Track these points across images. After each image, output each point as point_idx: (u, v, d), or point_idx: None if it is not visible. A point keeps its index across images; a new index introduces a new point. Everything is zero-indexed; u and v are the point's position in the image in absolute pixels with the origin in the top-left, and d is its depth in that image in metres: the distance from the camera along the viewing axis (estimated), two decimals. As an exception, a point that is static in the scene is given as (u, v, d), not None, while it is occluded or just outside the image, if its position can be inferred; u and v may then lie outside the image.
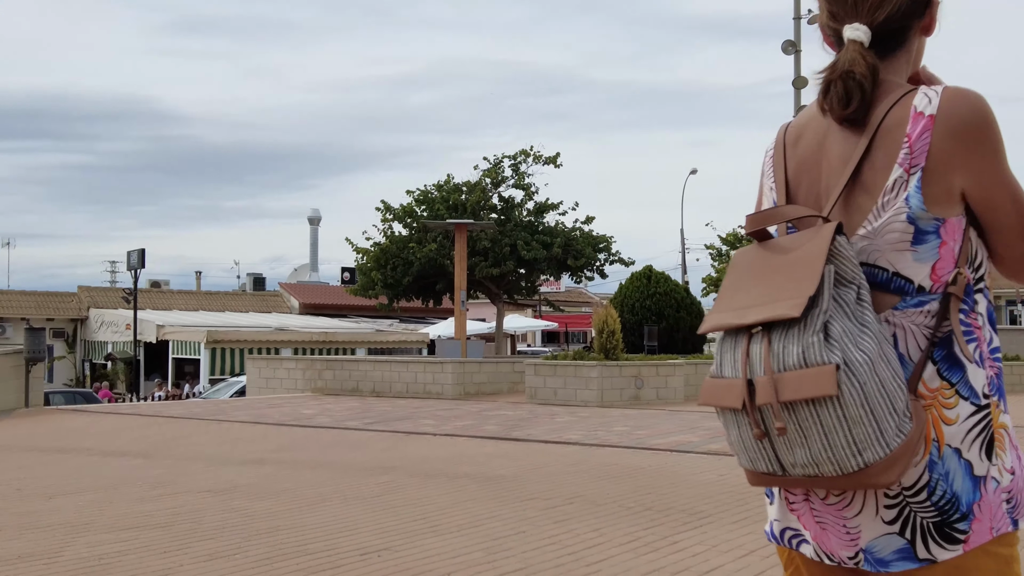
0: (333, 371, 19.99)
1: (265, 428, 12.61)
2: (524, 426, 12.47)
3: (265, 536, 5.54)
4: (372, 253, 24.21)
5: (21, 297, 37.95)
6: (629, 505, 6.68)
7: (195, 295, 43.70)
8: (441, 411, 14.93)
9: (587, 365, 16.43)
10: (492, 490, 7.31)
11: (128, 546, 5.25)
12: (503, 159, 24.12)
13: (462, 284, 20.37)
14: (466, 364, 18.80)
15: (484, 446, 10.51)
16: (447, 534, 5.63)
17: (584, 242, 23.73)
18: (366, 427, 12.60)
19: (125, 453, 10.17)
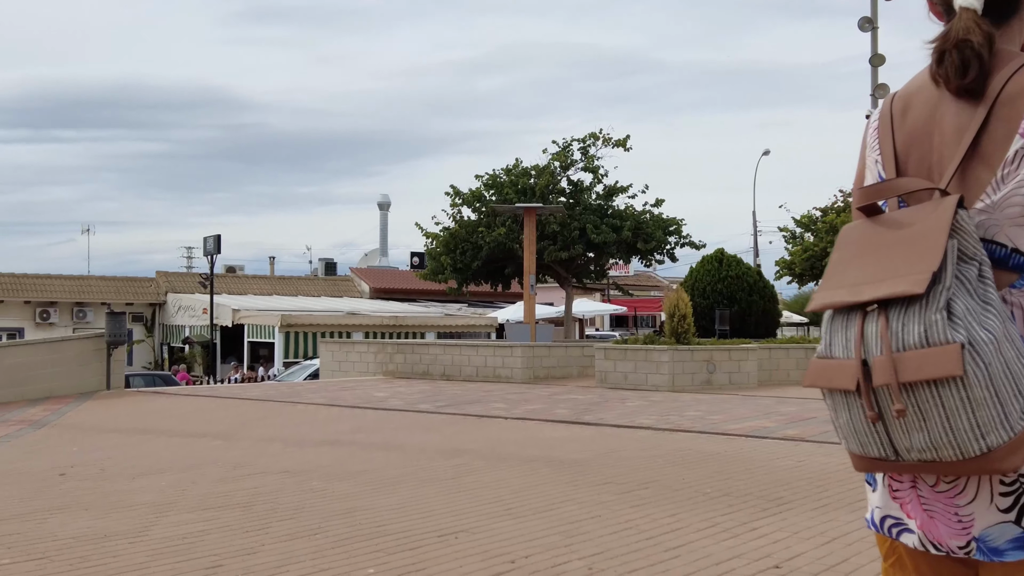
0: (404, 355, 20.16)
1: (339, 410, 12.76)
2: (595, 410, 12.42)
3: (342, 517, 5.59)
4: (441, 238, 24.30)
5: (101, 282, 38.99)
6: (706, 491, 6.59)
7: (269, 280, 44.44)
8: (511, 395, 14.96)
9: (658, 349, 16.29)
10: (566, 474, 7.28)
11: (210, 526, 5.34)
12: (572, 142, 23.98)
13: (531, 268, 20.34)
14: (535, 348, 18.80)
15: (555, 430, 10.49)
16: (523, 517, 5.61)
17: (654, 225, 23.49)
18: (437, 410, 12.68)
19: (204, 434, 10.38)
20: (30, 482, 7.01)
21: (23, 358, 15.06)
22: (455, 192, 24.36)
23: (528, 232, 20.29)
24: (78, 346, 15.89)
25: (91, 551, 4.73)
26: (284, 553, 4.70)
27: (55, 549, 4.77)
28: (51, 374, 15.31)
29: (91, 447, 9.27)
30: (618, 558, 4.69)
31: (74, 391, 15.47)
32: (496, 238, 22.71)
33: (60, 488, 6.69)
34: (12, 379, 14.81)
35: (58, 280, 38.02)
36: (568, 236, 22.85)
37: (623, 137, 23.66)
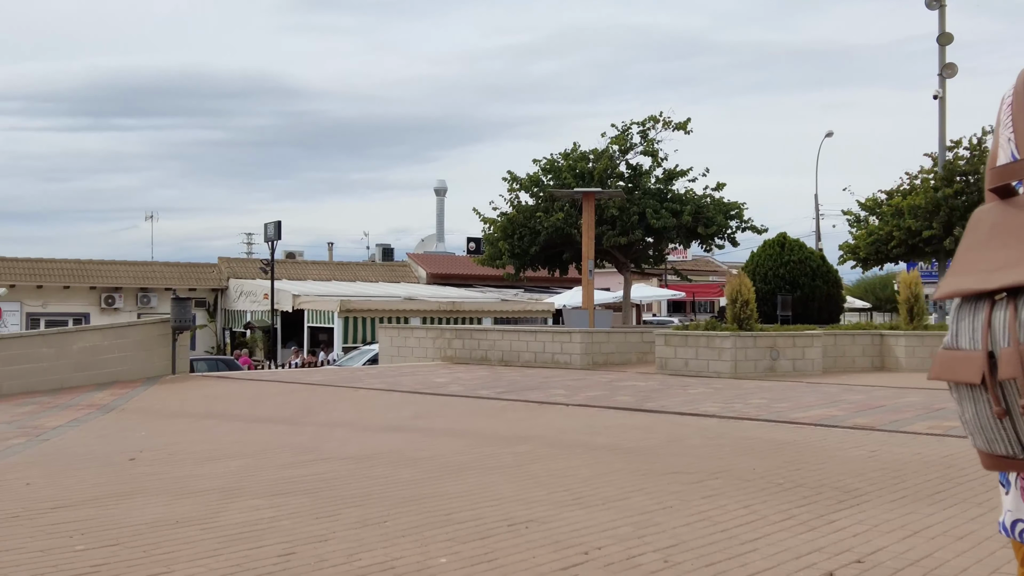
0: (462, 340, 20.16)
1: (400, 396, 12.78)
2: (657, 397, 12.28)
3: (411, 504, 5.55)
4: (499, 223, 24.24)
5: (165, 268, 39.68)
6: (778, 481, 6.44)
7: (328, 265, 44.84)
8: (571, 381, 14.86)
9: (720, 335, 16.06)
10: (633, 462, 7.17)
11: (280, 512, 5.34)
12: (631, 126, 23.74)
13: (590, 253, 20.19)
14: (594, 334, 18.66)
15: (618, 417, 10.37)
16: (593, 507, 5.52)
17: (715, 209, 23.17)
18: (498, 396, 12.64)
19: (269, 419, 10.46)
20: (100, 466, 7.10)
21: (91, 342, 15.33)
22: (512, 177, 24.27)
23: (587, 217, 20.13)
24: (144, 331, 16.14)
25: (163, 537, 4.75)
26: (355, 541, 4.67)
27: (127, 535, 4.79)
28: (118, 359, 15.58)
29: (159, 432, 9.39)
30: (694, 550, 4.57)
31: (140, 376, 15.72)
32: (554, 223, 22.59)
33: (130, 473, 6.76)
34: (80, 363, 15.09)
35: (123, 266, 38.76)
36: (627, 221, 22.65)
37: (683, 120, 23.35)
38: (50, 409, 11.88)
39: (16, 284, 34.68)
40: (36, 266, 36.53)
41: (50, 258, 37.48)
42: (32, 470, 6.94)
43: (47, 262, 37.09)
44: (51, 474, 6.72)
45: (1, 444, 8.49)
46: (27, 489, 6.08)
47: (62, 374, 14.87)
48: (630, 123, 23.76)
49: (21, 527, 4.96)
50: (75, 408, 11.95)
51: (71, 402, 12.68)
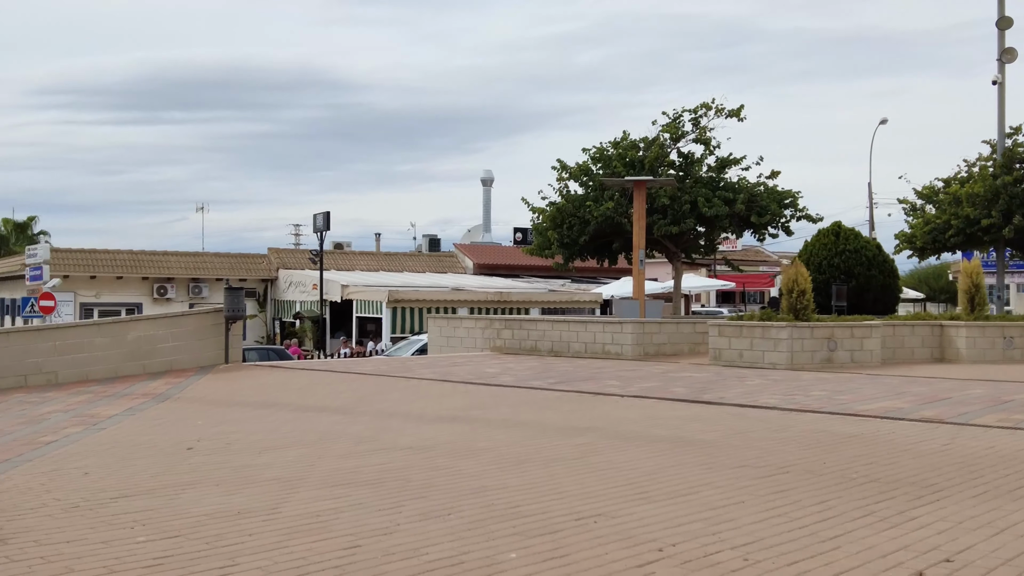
0: (511, 330, 20.03)
1: (452, 386, 12.68)
2: (714, 389, 12.04)
3: (474, 497, 5.42)
4: (548, 212, 24.02)
5: (215, 259, 40.04)
6: (851, 476, 6.21)
7: (375, 256, 44.97)
8: (624, 372, 14.66)
9: (776, 326, 15.75)
10: (696, 455, 6.98)
11: (342, 503, 5.23)
12: (682, 113, 23.38)
13: (640, 243, 19.92)
14: (646, 324, 18.42)
15: (675, 409, 10.17)
16: (661, 501, 5.35)
17: (769, 198, 22.74)
18: (550, 387, 12.48)
19: (323, 408, 10.40)
20: (159, 456, 7.06)
21: (145, 332, 15.42)
22: (562, 166, 24.03)
23: (637, 206, 19.86)
24: (197, 320, 16.21)
25: (225, 529, 4.66)
26: (420, 534, 4.54)
27: (189, 526, 4.71)
28: (171, 348, 15.66)
29: (215, 421, 9.37)
30: (773, 548, 4.38)
31: (193, 364, 15.79)
32: (604, 212, 22.33)
33: (189, 462, 6.71)
34: (134, 352, 15.19)
35: (174, 256, 39.18)
36: (678, 210, 22.31)
37: (737, 107, 22.94)
38: (105, 398, 11.95)
39: (70, 275, 35.19)
40: (90, 257, 37.05)
41: (103, 249, 37.99)
42: (90, 459, 6.92)
43: (100, 253, 37.60)
44: (109, 463, 6.69)
45: (58, 433, 8.51)
46: (86, 479, 6.04)
47: (116, 363, 14.97)
48: (682, 110, 23.42)
49: (82, 518, 4.91)
50: (130, 397, 12.00)
51: (126, 391, 12.75)
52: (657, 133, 23.41)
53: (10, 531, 4.59)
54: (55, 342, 14.47)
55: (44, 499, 5.34)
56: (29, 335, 14.47)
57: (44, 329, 15.07)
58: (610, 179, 21.35)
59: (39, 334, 14.56)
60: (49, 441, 7.94)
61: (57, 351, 14.45)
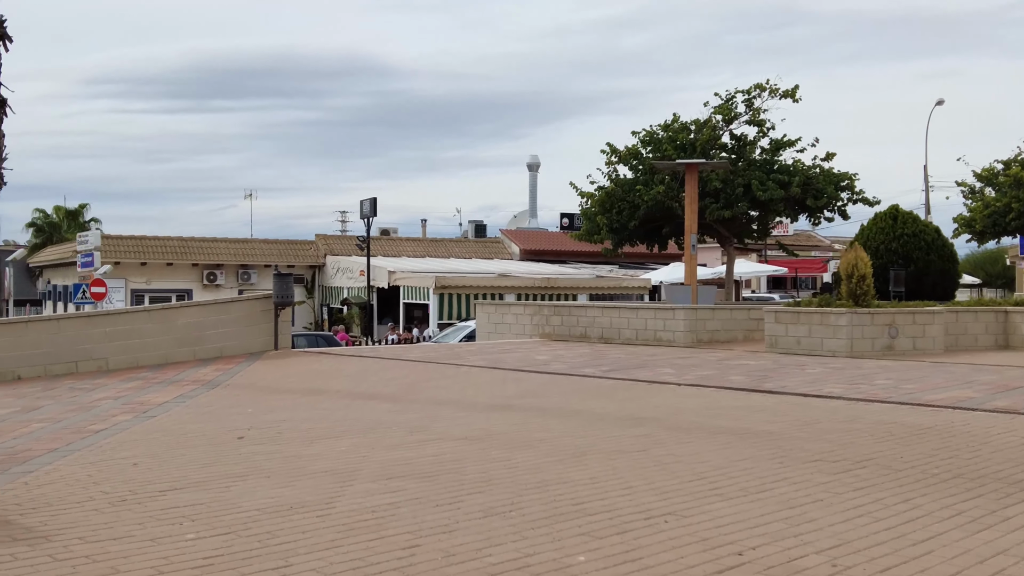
0: (561, 317, 19.74)
1: (503, 374, 12.44)
2: (773, 377, 11.67)
3: (535, 492, 5.16)
4: (597, 197, 23.63)
5: (264, 245, 40.21)
6: (932, 471, 5.85)
7: (422, 242, 44.89)
8: (677, 359, 14.32)
9: (835, 312, 15.28)
10: (765, 448, 6.65)
11: (398, 498, 5.00)
12: (735, 94, 22.82)
13: (692, 227, 19.49)
14: (698, 311, 18.03)
15: (735, 398, 9.83)
16: (735, 498, 5.05)
17: (825, 180, 22.14)
18: (603, 375, 12.19)
19: (373, 396, 10.22)
20: (209, 446, 6.90)
21: (195, 318, 15.37)
22: (611, 150, 23.61)
23: (689, 189, 19.42)
24: (247, 307, 16.13)
25: (278, 525, 4.44)
26: (482, 533, 4.29)
27: (240, 522, 4.51)
28: (221, 334, 15.60)
29: (265, 408, 9.21)
30: (861, 552, 4.07)
31: (243, 351, 15.72)
32: (654, 196, 21.90)
33: (239, 452, 6.53)
34: (184, 339, 15.14)
35: (223, 243, 39.40)
36: (731, 193, 21.82)
37: (791, 88, 22.34)
38: (156, 384, 11.88)
39: (121, 261, 35.53)
40: (140, 243, 37.37)
41: (153, 235, 38.32)
42: (139, 448, 6.77)
43: (151, 239, 37.92)
44: (158, 453, 6.53)
45: (108, 421, 8.40)
46: (134, 470, 5.88)
47: (166, 349, 14.94)
48: (734, 92, 22.86)
49: (130, 512, 4.72)
50: (180, 384, 11.92)
51: (176, 377, 12.68)
52: (709, 115, 22.90)
53: (55, 527, 4.42)
54: (106, 328, 14.47)
55: (92, 492, 5.18)
56: (80, 321, 14.48)
57: (95, 316, 15.09)
58: (661, 162, 20.91)
59: (90, 320, 14.56)
60: (99, 429, 7.83)
61: (108, 337, 14.45)
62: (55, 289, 40.32)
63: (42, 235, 53.14)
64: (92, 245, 28.27)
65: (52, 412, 9.27)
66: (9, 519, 4.56)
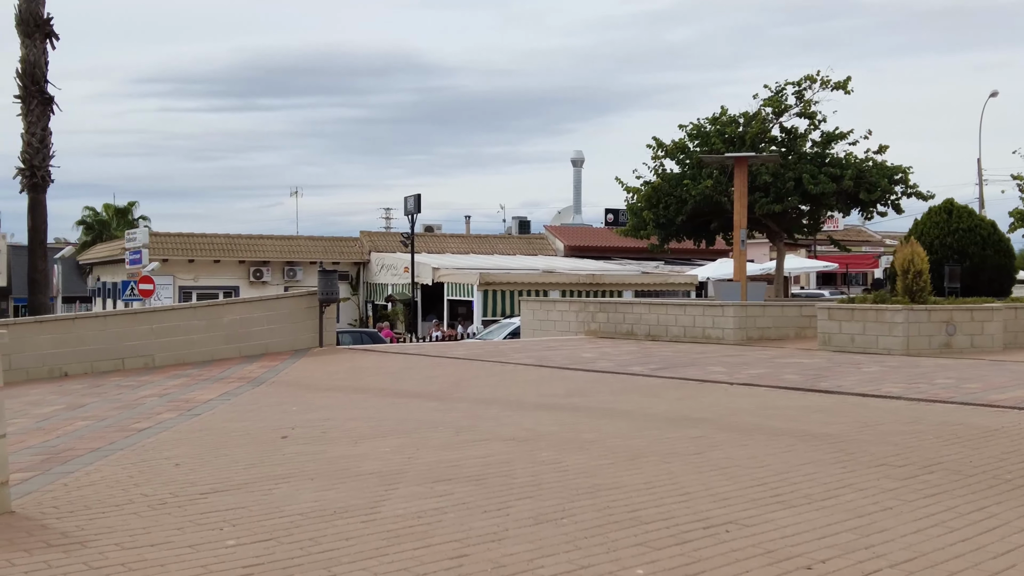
0: (607, 314, 19.48)
1: (549, 372, 12.23)
2: (828, 376, 11.33)
3: (587, 497, 4.94)
4: (643, 192, 23.30)
5: (309, 242, 40.33)
6: (1006, 477, 5.54)
7: (466, 239, 44.79)
8: (728, 357, 14.01)
9: (891, 309, 14.86)
10: (827, 451, 6.37)
11: (445, 502, 4.81)
12: (785, 86, 22.36)
13: (742, 222, 19.11)
14: (748, 308, 17.67)
15: (791, 398, 9.52)
16: (798, 506, 4.79)
17: (878, 173, 21.60)
18: (652, 373, 11.93)
19: (418, 395, 10.06)
20: (252, 445, 6.77)
21: (240, 315, 15.35)
22: (658, 144, 23.26)
23: (739, 183, 19.04)
24: (292, 303, 16.09)
25: (321, 531, 4.27)
26: (533, 542, 4.08)
27: (282, 528, 4.34)
28: (267, 331, 15.57)
29: (310, 407, 9.09)
30: (939, 567, 3.79)
31: (288, 348, 15.68)
32: (702, 191, 21.53)
33: (282, 453, 6.39)
34: (230, 335, 15.13)
35: (270, 240, 39.60)
36: (781, 187, 21.38)
37: (843, 79, 21.84)
38: (201, 382, 11.84)
39: (169, 258, 35.83)
40: (188, 241, 37.68)
41: (201, 233, 38.61)
42: (182, 448, 6.66)
43: (198, 237, 38.21)
44: (201, 453, 6.41)
45: (152, 419, 8.32)
46: (176, 471, 5.76)
47: (213, 346, 14.94)
48: (784, 83, 22.41)
49: (170, 516, 4.58)
50: (226, 381, 11.87)
51: (221, 374, 12.64)
52: (758, 107, 22.47)
53: (92, 531, 4.29)
54: (152, 325, 14.49)
55: (132, 494, 5.05)
56: (126, 319, 14.52)
57: (141, 313, 15.13)
58: (709, 156, 20.54)
59: (135, 317, 14.60)
60: (142, 428, 7.75)
61: (154, 334, 14.47)
62: (104, 286, 40.82)
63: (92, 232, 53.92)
64: (140, 242, 28.47)
65: (97, 410, 9.23)
66: (46, 523, 4.45)
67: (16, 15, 19.91)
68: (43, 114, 19.31)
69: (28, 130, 19.37)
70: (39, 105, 19.33)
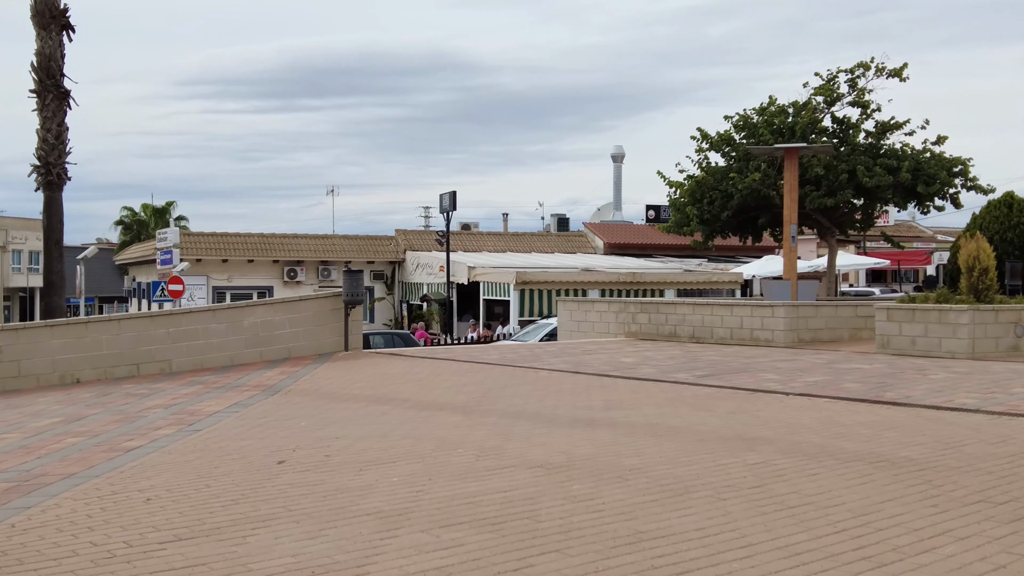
0: (648, 314, 18.50)
1: (587, 380, 11.32)
2: (893, 384, 10.32)
3: (627, 551, 4.04)
4: (686, 187, 22.24)
5: (344, 241, 39.70)
6: None
7: (503, 236, 43.92)
8: (780, 362, 13.00)
9: (956, 309, 13.75)
10: (908, 481, 5.40)
11: (451, 558, 3.93)
12: (837, 74, 21.19)
13: (792, 217, 18.03)
14: (800, 308, 16.61)
15: (856, 411, 8.53)
16: (889, 565, 3.84)
17: (937, 165, 20.38)
18: (698, 381, 10.97)
19: (443, 407, 9.20)
20: (243, 473, 5.94)
21: (262, 318, 14.61)
22: (702, 136, 22.19)
23: (789, 176, 17.95)
24: (316, 305, 15.33)
25: (293, 600, 3.42)
26: (557, 624, 3.19)
27: (248, 593, 3.49)
28: (290, 334, 14.83)
29: (322, 421, 8.28)
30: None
31: (312, 352, 14.93)
32: (749, 185, 20.44)
33: (274, 483, 5.55)
34: (252, 339, 14.40)
35: (304, 239, 39.05)
36: (834, 180, 20.22)
37: (899, 66, 20.63)
38: (215, 390, 11.11)
39: (202, 258, 35.39)
40: (222, 240, 37.23)
41: (235, 232, 38.14)
42: (163, 476, 5.85)
43: (232, 236, 37.75)
44: (182, 484, 5.59)
45: (147, 436, 7.55)
46: (145, 508, 4.94)
47: (233, 350, 14.22)
48: (836, 71, 21.23)
49: (112, 577, 3.75)
50: (240, 389, 11.12)
51: (238, 381, 11.91)
52: (808, 97, 21.33)
53: (7, 602, 3.48)
54: (169, 329, 13.80)
55: (79, 542, 4.23)
56: (142, 322, 13.82)
57: (158, 315, 14.43)
58: (757, 147, 19.46)
59: (152, 320, 13.90)
60: (132, 448, 6.97)
61: (171, 338, 13.78)
62: (139, 286, 40.57)
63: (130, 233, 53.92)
64: (171, 242, 28.03)
65: (94, 424, 8.49)
66: (-38, 585, 3.65)
67: (31, 6, 19.25)
68: (59, 109, 18.65)
69: (43, 126, 18.70)
70: (55, 100, 18.68)
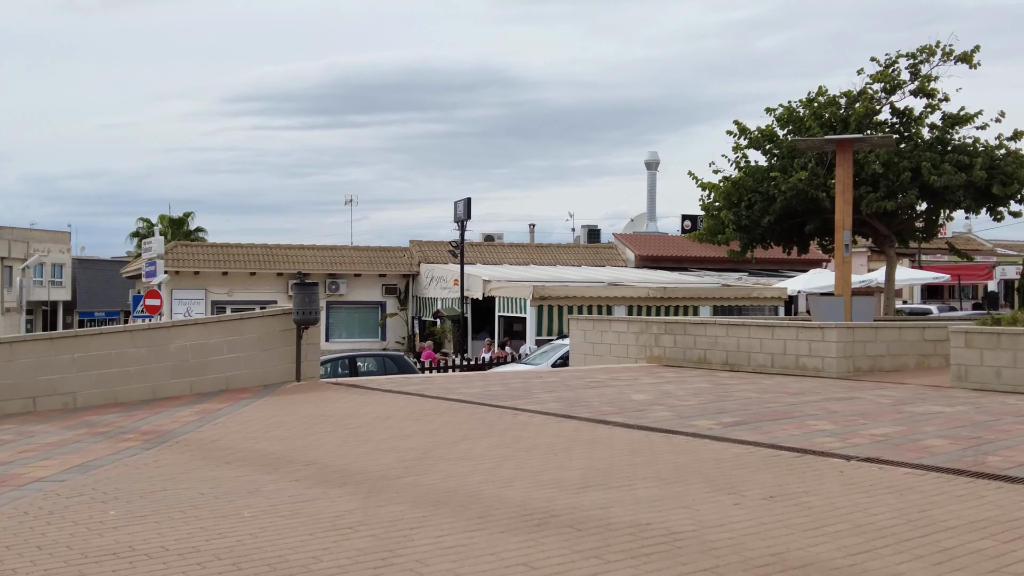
0: (674, 336, 15.62)
1: (575, 429, 8.50)
2: (990, 438, 7.50)
3: None
4: (721, 189, 19.32)
5: (354, 252, 36.99)
6: None
7: (527, 248, 41.02)
8: (833, 402, 10.12)
9: (1061, 335, 10.75)
10: None
11: None
12: (897, 59, 18.18)
13: (846, 222, 15.07)
14: (856, 330, 13.68)
15: (958, 496, 5.67)
16: None
17: (1014, 163, 17.29)
18: (726, 433, 8.11)
19: (348, 478, 6.39)
20: None
21: (194, 340, 11.95)
22: (740, 130, 19.25)
23: (842, 174, 14.99)
24: (261, 325, 12.61)
25: None
26: None
27: None
28: (229, 361, 12.15)
29: (142, 510, 5.55)
30: None
31: (257, 382, 12.24)
32: (794, 185, 17.46)
33: None
34: (181, 367, 11.76)
35: (310, 250, 36.51)
36: (894, 180, 17.18)
37: (969, 49, 17.60)
38: (95, 437, 8.48)
39: (200, 271, 32.97)
40: (222, 252, 34.79)
41: (236, 243, 35.70)
42: None
43: (233, 247, 35.30)
44: None
45: None
46: None
47: (156, 380, 11.59)
48: (896, 55, 18.22)
49: None
50: (122, 438, 8.47)
51: (136, 424, 9.27)
52: (864, 84, 18.32)
53: None
54: (75, 354, 11.21)
55: None
56: (41, 345, 11.23)
57: (61, 339, 11.81)
58: (804, 139, 16.48)
59: (53, 344, 11.30)
60: None
61: (78, 365, 11.19)
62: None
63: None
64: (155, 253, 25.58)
65: None
66: None
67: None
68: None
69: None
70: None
